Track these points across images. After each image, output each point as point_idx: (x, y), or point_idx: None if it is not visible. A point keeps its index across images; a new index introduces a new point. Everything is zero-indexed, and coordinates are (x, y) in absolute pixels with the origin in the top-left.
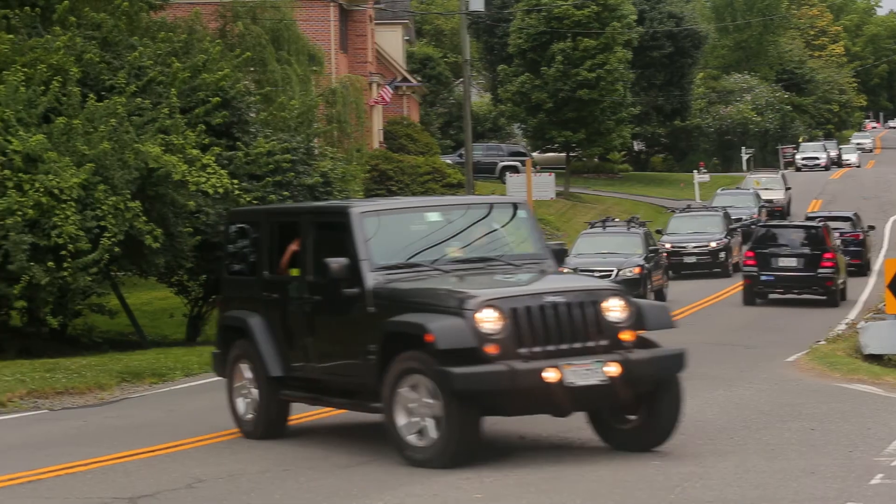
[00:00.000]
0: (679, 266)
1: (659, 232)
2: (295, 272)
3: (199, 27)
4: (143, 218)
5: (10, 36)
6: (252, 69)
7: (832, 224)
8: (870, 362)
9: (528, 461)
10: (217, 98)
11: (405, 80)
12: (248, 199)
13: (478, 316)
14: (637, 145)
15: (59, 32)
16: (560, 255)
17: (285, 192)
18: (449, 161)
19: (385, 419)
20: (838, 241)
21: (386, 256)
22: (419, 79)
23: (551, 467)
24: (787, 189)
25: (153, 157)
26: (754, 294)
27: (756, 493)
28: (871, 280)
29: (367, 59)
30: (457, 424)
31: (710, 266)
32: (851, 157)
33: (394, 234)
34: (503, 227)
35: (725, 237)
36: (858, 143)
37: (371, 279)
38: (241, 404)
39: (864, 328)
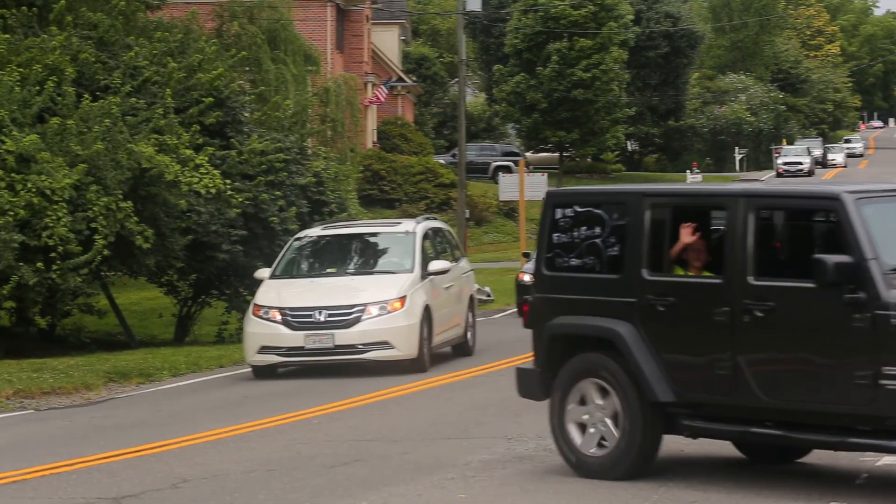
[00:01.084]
0: None
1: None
2: (680, 271)
3: (196, 27)
4: (135, 218)
5: (7, 36)
6: (247, 69)
7: None
8: None
9: (512, 461)
10: (211, 98)
11: (400, 79)
12: (239, 198)
13: None
14: (630, 145)
15: (55, 32)
16: None
17: (277, 192)
18: (442, 161)
19: None
20: None
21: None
22: (414, 79)
23: (536, 468)
24: None
25: (146, 157)
26: None
27: (741, 492)
28: None
29: (363, 59)
30: None
31: None
32: (837, 157)
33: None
34: None
35: None
36: (848, 148)
37: (884, 283)
38: (577, 434)
39: None
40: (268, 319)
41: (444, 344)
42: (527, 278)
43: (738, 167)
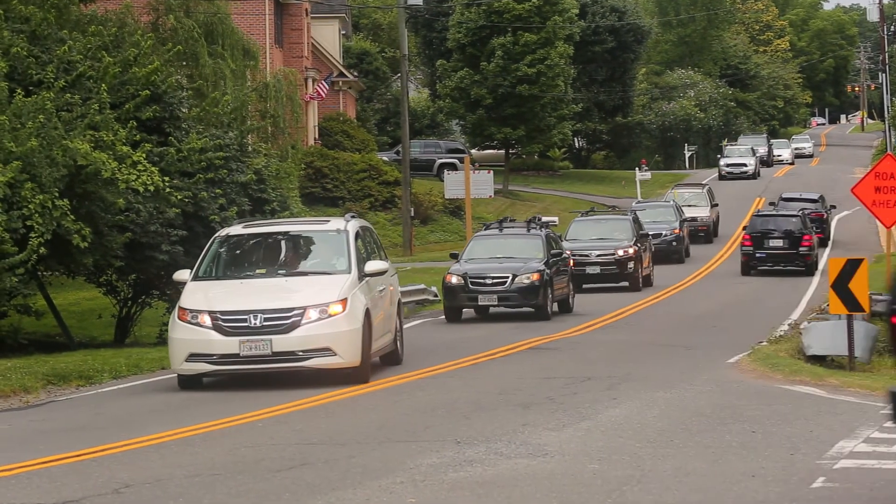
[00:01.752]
0: (580, 277)
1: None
2: None
3: (131, 20)
4: (71, 216)
5: None
6: (184, 63)
7: (801, 204)
8: (812, 363)
9: (462, 465)
10: (147, 92)
11: (341, 75)
12: (179, 196)
13: None
14: (578, 142)
15: None
16: None
17: (218, 190)
18: (386, 158)
19: None
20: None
21: None
22: (356, 74)
23: (486, 471)
24: (714, 206)
25: (82, 154)
26: (749, 267)
27: (696, 496)
28: (815, 279)
29: (302, 54)
30: None
31: (616, 277)
32: (784, 152)
33: None
34: None
35: (635, 245)
36: (797, 147)
37: None
38: None
39: (807, 329)
40: (196, 324)
41: (378, 352)
42: (454, 280)
43: (687, 164)
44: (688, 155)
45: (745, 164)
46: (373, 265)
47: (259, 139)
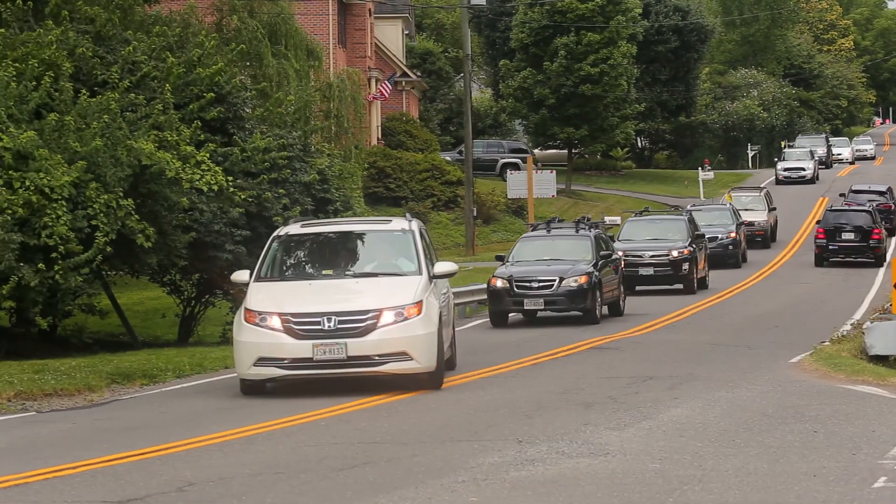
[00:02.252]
0: (633, 279)
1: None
2: None
3: (195, 21)
4: (136, 216)
5: (2, 30)
6: (248, 64)
7: (869, 196)
8: (875, 363)
9: (524, 464)
10: (211, 93)
11: (405, 74)
12: (242, 196)
13: None
14: (640, 142)
15: (51, 26)
16: None
17: (281, 190)
18: (448, 158)
19: None
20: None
21: None
22: (419, 74)
23: (548, 470)
24: (772, 209)
25: (146, 153)
26: (823, 259)
27: (757, 496)
28: (878, 280)
29: (366, 54)
30: None
31: (671, 279)
32: (844, 151)
33: None
34: None
35: (689, 246)
36: (858, 149)
37: None
38: None
39: (870, 329)
40: (265, 327)
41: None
42: (499, 284)
43: (750, 164)
44: (751, 155)
45: (803, 168)
46: (442, 266)
47: (322, 139)
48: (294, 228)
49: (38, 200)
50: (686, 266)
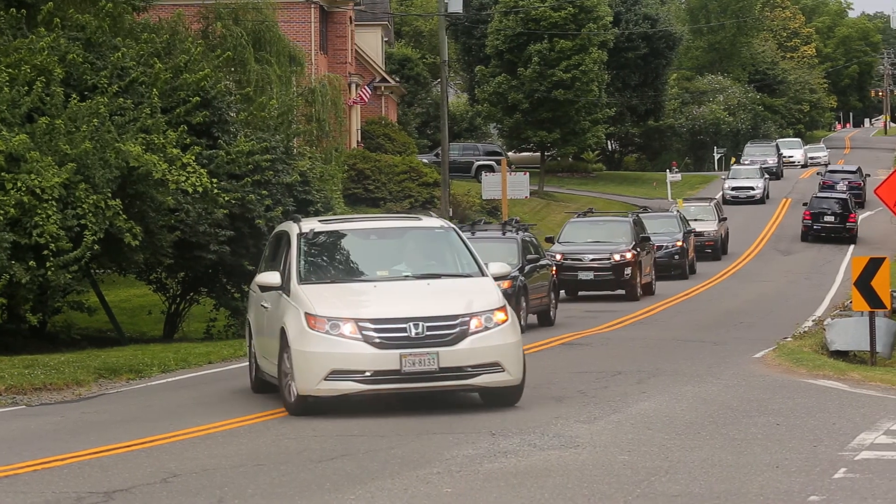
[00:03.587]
0: (572, 284)
1: (549, 240)
2: None
3: (182, 28)
4: (123, 216)
5: None
6: (233, 69)
7: (844, 176)
8: (835, 358)
9: (497, 456)
10: (197, 98)
11: (384, 80)
12: (226, 198)
13: None
14: (611, 145)
15: (43, 33)
16: None
17: (264, 192)
18: (425, 160)
19: None
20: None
21: None
22: (397, 79)
23: (520, 462)
24: (723, 220)
25: (134, 156)
26: (808, 235)
27: (722, 486)
28: (839, 276)
29: (346, 60)
30: None
31: (612, 284)
32: (796, 153)
33: None
34: None
35: (633, 249)
36: (812, 156)
37: None
38: None
39: (831, 325)
40: (337, 335)
41: None
42: None
43: (716, 166)
44: (717, 157)
45: (752, 188)
46: (497, 268)
47: (304, 142)
48: (316, 225)
49: (29, 201)
50: (628, 271)
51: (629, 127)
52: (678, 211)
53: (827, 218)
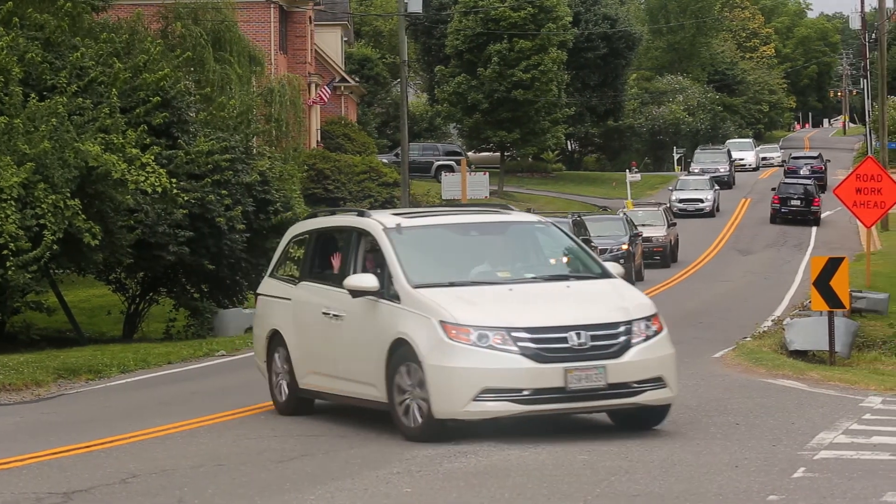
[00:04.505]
0: None
1: None
2: None
3: (141, 28)
4: (83, 216)
5: None
6: (192, 69)
7: (807, 161)
8: (794, 358)
9: (457, 456)
10: (157, 98)
11: (343, 80)
12: (186, 198)
13: None
14: (571, 145)
15: (1, 33)
16: None
17: (224, 191)
18: (385, 160)
19: None
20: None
21: None
22: (357, 79)
23: (480, 462)
24: (672, 225)
25: (93, 155)
26: (776, 218)
27: (681, 486)
28: (798, 276)
29: (306, 60)
30: None
31: None
32: (747, 155)
33: None
34: None
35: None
36: (764, 157)
37: None
38: None
39: (790, 325)
40: (488, 347)
41: None
42: None
43: (675, 166)
44: (676, 157)
45: (701, 200)
46: (613, 268)
47: (264, 142)
48: (400, 220)
49: None
50: None
51: (589, 127)
52: (625, 213)
53: (794, 202)
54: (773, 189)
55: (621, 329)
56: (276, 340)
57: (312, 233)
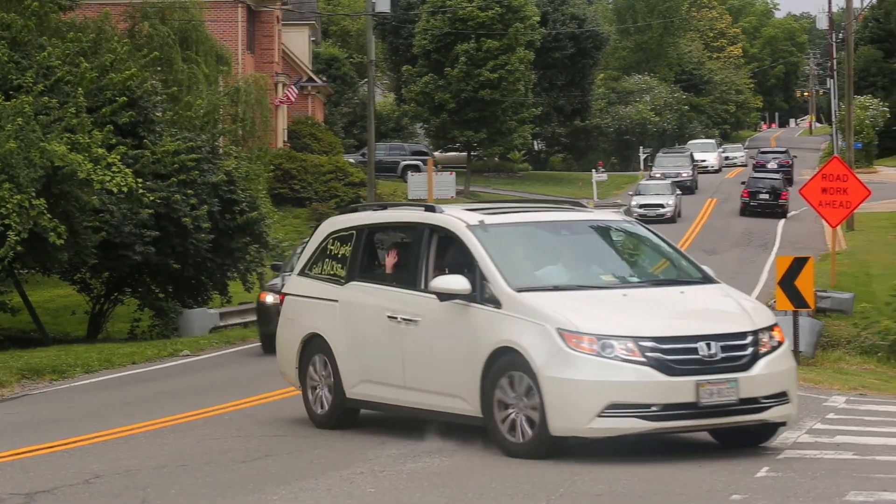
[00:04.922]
0: None
1: None
2: None
3: (108, 27)
4: (48, 216)
5: None
6: (159, 69)
7: (774, 156)
8: None
9: (420, 456)
10: (124, 98)
11: (310, 80)
12: (151, 198)
13: None
14: (537, 145)
15: None
16: None
17: (189, 191)
18: (352, 160)
19: None
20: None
21: None
22: (324, 79)
23: (444, 463)
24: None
25: (59, 155)
26: (745, 211)
27: (645, 486)
28: (763, 276)
29: (273, 60)
30: None
31: None
32: (709, 157)
33: None
34: None
35: None
36: (728, 156)
37: None
38: None
39: None
40: (613, 357)
41: None
42: (269, 299)
43: (642, 166)
44: (642, 157)
45: (661, 205)
46: (710, 271)
47: (230, 142)
48: (483, 217)
49: None
50: None
51: (555, 127)
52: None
53: (762, 196)
54: (743, 183)
55: (749, 340)
56: (314, 346)
57: (361, 228)
